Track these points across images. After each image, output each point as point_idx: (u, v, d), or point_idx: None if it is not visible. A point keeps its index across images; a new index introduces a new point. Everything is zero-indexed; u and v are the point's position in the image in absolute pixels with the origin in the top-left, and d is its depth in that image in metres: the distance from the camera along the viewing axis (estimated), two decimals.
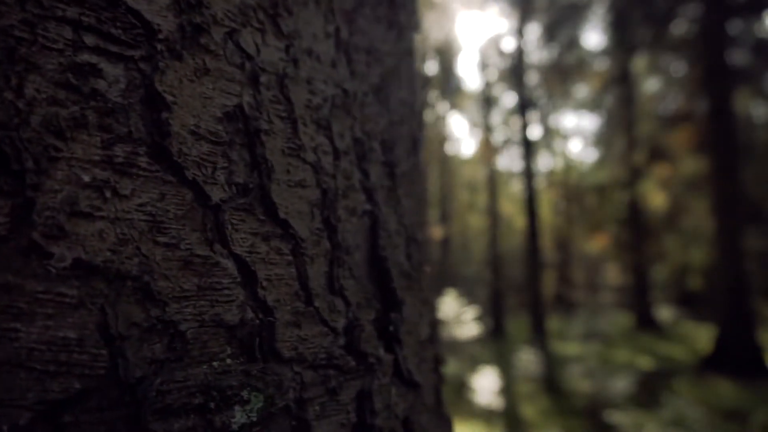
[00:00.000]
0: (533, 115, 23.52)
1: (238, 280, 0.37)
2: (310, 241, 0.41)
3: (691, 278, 17.78)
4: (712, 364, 9.95)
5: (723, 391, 8.67)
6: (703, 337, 12.98)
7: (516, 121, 13.72)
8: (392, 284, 0.45)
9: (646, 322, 15.89)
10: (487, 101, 15.73)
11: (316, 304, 0.40)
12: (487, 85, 15.45)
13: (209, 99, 0.38)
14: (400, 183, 0.54)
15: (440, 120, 26.36)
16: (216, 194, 0.37)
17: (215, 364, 0.35)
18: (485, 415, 7.61)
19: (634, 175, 15.60)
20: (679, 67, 15.42)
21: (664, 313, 17.41)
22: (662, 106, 16.23)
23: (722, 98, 10.76)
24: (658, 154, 15.63)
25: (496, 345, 13.35)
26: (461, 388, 8.68)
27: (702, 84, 11.74)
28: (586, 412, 7.70)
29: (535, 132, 25.96)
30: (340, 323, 0.42)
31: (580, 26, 15.93)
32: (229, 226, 0.37)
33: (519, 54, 13.78)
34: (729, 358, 9.76)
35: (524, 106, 13.58)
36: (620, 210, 17.07)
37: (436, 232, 20.87)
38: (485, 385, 7.78)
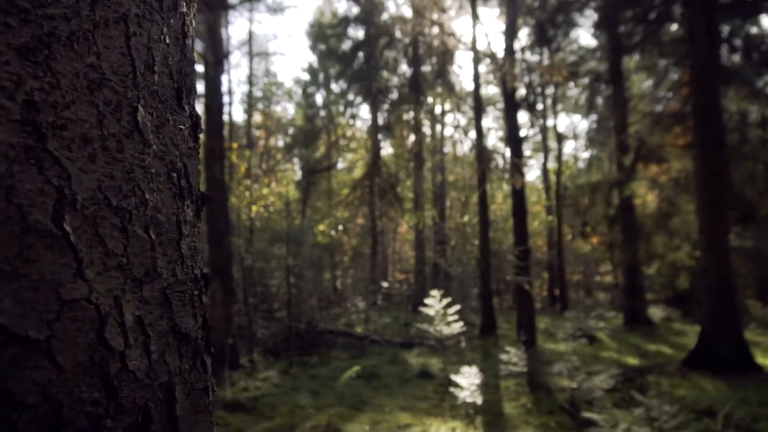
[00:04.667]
0: (527, 115, 23.53)
1: None
2: None
3: (682, 278, 17.78)
4: (696, 361, 9.95)
5: (704, 388, 8.68)
6: (691, 335, 12.97)
7: (508, 121, 13.72)
8: None
9: (636, 321, 15.90)
10: (479, 101, 15.74)
11: None
12: (480, 85, 15.45)
13: None
14: (69, 146, 0.56)
15: (436, 119, 26.39)
16: None
17: None
18: (467, 412, 7.64)
19: (625, 175, 15.60)
20: (670, 66, 15.41)
21: (656, 312, 17.43)
22: (653, 106, 16.22)
23: (710, 97, 10.76)
24: (648, 153, 15.62)
25: (484, 343, 13.38)
26: (446, 385, 8.71)
27: (690, 83, 11.74)
28: (566, 409, 7.73)
29: (529, 132, 25.96)
30: None
31: (570, 26, 15.94)
32: None
33: (510, 54, 13.78)
34: (713, 355, 9.76)
35: (514, 105, 13.58)
36: (611, 210, 17.07)
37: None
38: (468, 382, 7.80)
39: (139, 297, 0.63)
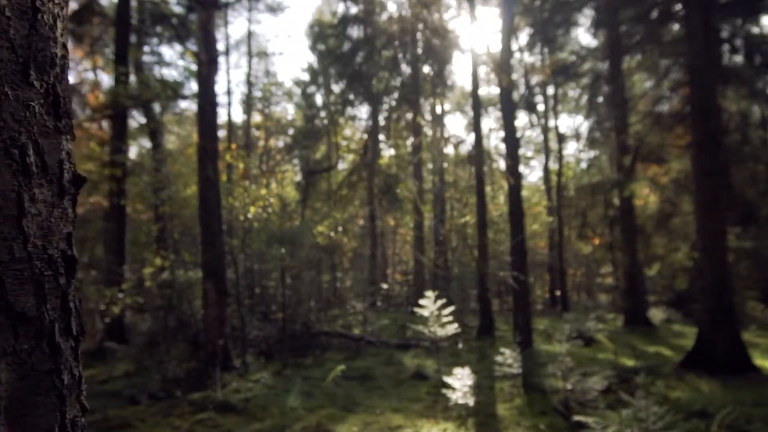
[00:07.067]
0: (528, 116, 23.47)
1: None
2: None
3: (680, 278, 17.66)
4: (693, 362, 9.87)
5: (700, 389, 8.60)
6: (691, 337, 12.87)
7: (505, 121, 13.65)
8: None
9: (636, 323, 15.79)
10: (478, 101, 15.69)
11: None
12: (478, 86, 15.41)
13: None
14: None
15: (436, 119, 26.33)
16: None
17: None
18: (459, 413, 7.58)
19: (625, 176, 15.51)
20: (669, 66, 15.29)
21: (656, 313, 17.30)
22: (653, 106, 16.11)
23: (707, 96, 10.68)
24: (648, 154, 15.53)
25: (481, 345, 13.31)
26: (440, 387, 8.65)
27: (689, 82, 11.65)
28: (558, 410, 7.66)
29: (530, 133, 25.89)
30: None
31: (569, 25, 15.86)
32: None
33: (507, 53, 13.73)
34: (710, 356, 9.67)
35: (511, 105, 13.52)
36: (611, 210, 16.99)
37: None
38: (461, 384, 7.74)
39: None
